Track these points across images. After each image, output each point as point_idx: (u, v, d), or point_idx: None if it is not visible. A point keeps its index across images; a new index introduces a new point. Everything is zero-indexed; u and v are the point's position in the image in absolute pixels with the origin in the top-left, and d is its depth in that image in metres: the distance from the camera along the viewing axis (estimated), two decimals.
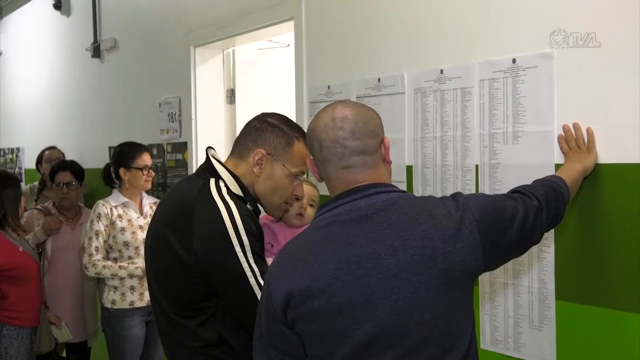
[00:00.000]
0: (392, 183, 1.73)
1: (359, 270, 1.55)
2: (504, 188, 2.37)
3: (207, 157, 2.15)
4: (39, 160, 5.41)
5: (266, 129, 2.11)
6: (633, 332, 2.05)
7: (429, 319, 1.54)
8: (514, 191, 1.83)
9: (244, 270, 1.93)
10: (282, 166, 2.09)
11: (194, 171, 4.12)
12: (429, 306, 1.54)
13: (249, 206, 2.08)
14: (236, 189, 2.07)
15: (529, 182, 2.27)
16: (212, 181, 2.05)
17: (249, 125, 2.17)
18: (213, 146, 2.25)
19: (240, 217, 1.96)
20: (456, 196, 1.68)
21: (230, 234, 1.94)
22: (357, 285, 1.54)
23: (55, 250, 4.28)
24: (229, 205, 1.98)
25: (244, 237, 1.94)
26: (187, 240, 1.97)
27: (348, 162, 1.65)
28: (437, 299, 1.54)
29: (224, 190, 2.03)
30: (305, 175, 2.23)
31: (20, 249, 3.72)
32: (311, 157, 1.75)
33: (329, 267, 1.57)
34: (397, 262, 1.54)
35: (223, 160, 2.17)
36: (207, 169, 2.12)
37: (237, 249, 1.93)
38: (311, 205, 2.56)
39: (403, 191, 1.70)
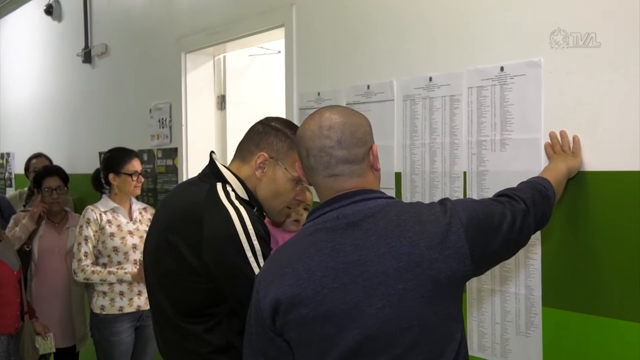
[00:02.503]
0: (381, 189, 1.72)
1: (345, 278, 1.54)
2: (491, 195, 2.37)
3: (212, 161, 2.12)
4: (27, 168, 5.39)
5: (269, 133, 2.10)
6: (619, 339, 2.06)
7: (415, 326, 1.53)
8: (501, 194, 1.83)
9: (255, 275, 1.88)
10: (285, 170, 2.07)
11: (184, 177, 4.17)
12: (416, 313, 1.53)
13: (256, 210, 2.06)
14: (242, 193, 2.06)
15: None
16: (219, 185, 2.03)
17: (252, 129, 2.15)
18: (201, 151, 2.23)
19: (251, 222, 1.94)
20: (444, 202, 1.67)
21: (241, 239, 1.91)
22: (344, 293, 1.54)
23: (41, 254, 4.26)
24: (239, 210, 1.95)
25: (255, 242, 1.92)
26: (197, 246, 1.94)
27: (334, 171, 1.64)
28: (424, 306, 1.53)
29: (232, 194, 2.01)
30: None
31: None
32: (299, 163, 1.75)
33: (316, 275, 1.56)
34: (383, 269, 1.53)
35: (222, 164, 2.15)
36: (212, 173, 2.09)
37: (249, 253, 1.91)
38: (306, 210, 2.57)
39: (391, 197, 1.69)
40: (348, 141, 1.63)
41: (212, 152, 2.19)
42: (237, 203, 1.98)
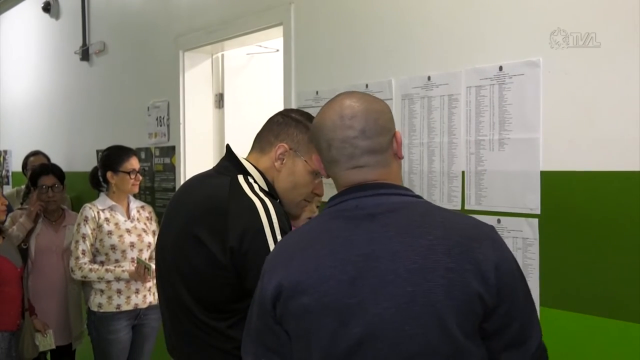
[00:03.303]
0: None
1: (354, 271, 1.45)
2: (489, 194, 2.39)
3: (230, 153, 2.09)
4: (24, 166, 5.38)
5: (289, 124, 2.06)
6: (618, 340, 2.06)
7: (420, 335, 1.41)
8: None
9: None
10: (305, 162, 2.04)
11: (182, 175, 4.17)
12: (423, 321, 1.41)
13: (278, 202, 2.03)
14: (263, 185, 2.03)
15: (514, 189, 2.29)
16: (241, 177, 2.00)
17: (271, 120, 2.12)
18: (199, 149, 2.20)
19: (277, 215, 1.91)
20: (493, 230, 1.54)
21: (266, 232, 1.88)
22: (350, 287, 1.45)
23: (38, 251, 4.26)
24: (265, 202, 1.92)
25: (279, 236, 1.89)
26: (222, 239, 1.89)
27: (359, 162, 1.54)
28: (432, 316, 1.41)
29: (255, 186, 1.98)
30: None
31: None
32: (317, 155, 1.65)
33: (325, 264, 1.48)
34: (395, 268, 1.43)
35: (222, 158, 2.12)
36: (232, 164, 2.06)
37: (272, 247, 1.86)
38: (318, 208, 2.58)
39: (418, 196, 1.58)
40: (372, 130, 1.54)
41: (228, 144, 2.15)
42: (262, 195, 1.95)
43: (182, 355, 2.09)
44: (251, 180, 2.01)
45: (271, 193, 2.04)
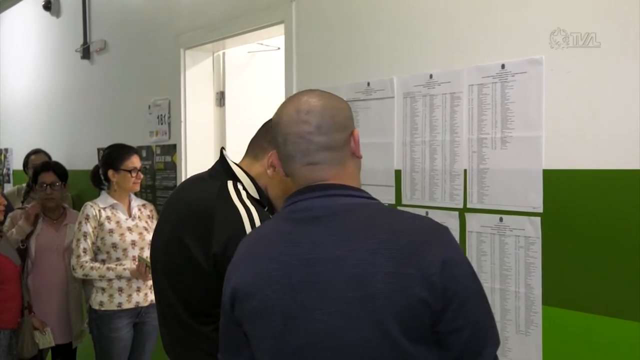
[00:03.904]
0: (380, 185, 1.67)
1: (297, 275, 1.43)
2: (492, 193, 2.38)
3: (222, 158, 2.10)
4: (25, 164, 5.38)
5: None
6: (620, 338, 2.06)
7: (362, 341, 1.38)
8: None
9: None
10: None
11: (183, 173, 4.16)
12: (364, 326, 1.37)
13: (266, 209, 2.03)
14: (254, 192, 2.03)
15: (517, 188, 2.29)
16: (230, 184, 2.00)
17: (265, 126, 2.10)
18: (200, 148, 2.20)
19: (261, 223, 1.89)
20: (443, 229, 1.48)
21: None
22: (293, 291, 1.43)
23: (39, 250, 4.25)
24: (249, 210, 1.92)
25: None
26: (206, 245, 1.90)
27: (314, 159, 1.50)
28: (374, 324, 1.37)
29: (243, 194, 1.98)
30: None
31: None
32: (275, 152, 1.62)
33: (272, 267, 1.46)
34: (336, 273, 1.40)
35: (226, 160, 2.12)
36: (224, 170, 2.06)
37: None
38: None
39: (372, 199, 1.54)
40: (328, 126, 1.50)
41: (222, 148, 2.15)
42: (248, 203, 1.95)
43: (174, 355, 2.11)
44: (240, 187, 2.01)
45: (261, 200, 2.04)
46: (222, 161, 2.09)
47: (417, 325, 1.38)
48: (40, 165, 4.49)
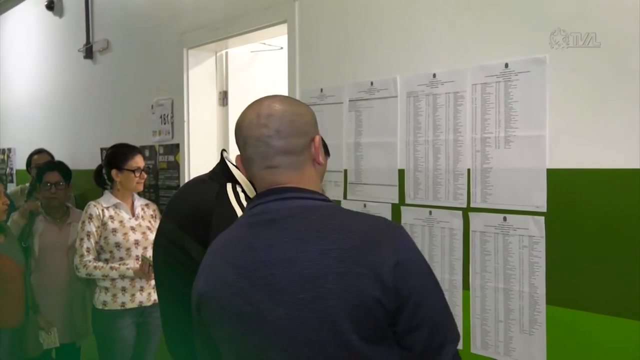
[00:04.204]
0: (383, 184, 1.67)
1: (253, 278, 1.45)
2: (495, 192, 2.38)
3: (222, 161, 2.11)
4: (28, 164, 5.38)
5: None
6: (623, 338, 2.06)
7: (315, 342, 1.39)
8: None
9: None
10: None
11: (186, 173, 4.16)
12: (316, 327, 1.39)
13: None
14: (252, 194, 2.03)
15: (521, 187, 2.29)
16: (229, 186, 2.02)
17: None
18: (203, 147, 2.21)
19: None
20: (395, 227, 1.48)
21: None
22: (249, 294, 1.44)
23: (43, 249, 4.26)
24: None
25: None
26: (205, 244, 1.89)
27: (272, 162, 1.52)
28: (325, 324, 1.38)
29: (241, 195, 2.00)
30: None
31: None
32: (239, 155, 1.63)
33: (229, 271, 1.49)
34: (288, 275, 1.41)
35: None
36: (223, 172, 2.08)
37: None
38: None
39: (327, 200, 1.54)
40: (287, 131, 1.52)
41: (223, 150, 2.17)
42: (245, 204, 1.96)
43: (178, 355, 2.13)
44: (239, 189, 2.03)
45: None
46: (222, 164, 2.12)
47: (371, 325, 1.38)
48: (45, 165, 4.50)
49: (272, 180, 1.53)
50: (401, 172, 2.72)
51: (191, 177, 4.13)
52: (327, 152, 2.00)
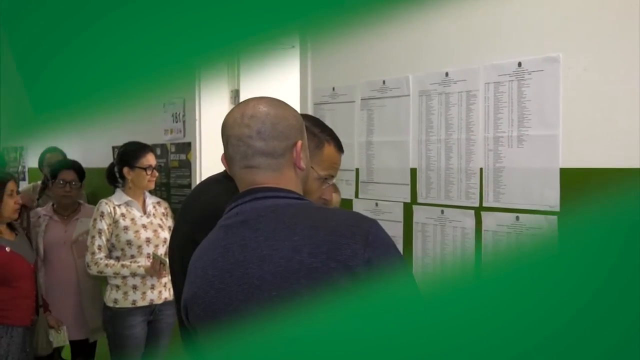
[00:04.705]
0: (395, 183, 1.68)
1: (230, 279, 1.47)
2: (508, 191, 2.37)
3: None
4: (41, 162, 5.40)
5: None
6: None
7: None
8: None
9: None
10: (312, 169, 2.03)
11: (197, 171, 4.17)
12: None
13: None
14: None
15: (533, 186, 2.28)
16: None
17: None
18: (215, 146, 2.21)
19: None
20: (371, 224, 1.47)
21: None
22: (227, 295, 1.47)
23: (48, 246, 4.27)
24: None
25: None
26: None
27: (251, 162, 1.54)
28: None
29: None
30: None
31: (8, 249, 3.71)
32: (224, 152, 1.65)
33: (208, 274, 1.51)
34: (261, 273, 1.44)
35: None
36: None
37: None
38: None
39: (299, 198, 1.55)
40: (268, 133, 1.53)
41: None
42: None
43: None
44: None
45: None
46: None
47: None
48: (61, 163, 4.52)
49: (250, 180, 1.55)
50: (413, 171, 2.72)
51: (202, 176, 4.15)
52: (340, 150, 2.01)
